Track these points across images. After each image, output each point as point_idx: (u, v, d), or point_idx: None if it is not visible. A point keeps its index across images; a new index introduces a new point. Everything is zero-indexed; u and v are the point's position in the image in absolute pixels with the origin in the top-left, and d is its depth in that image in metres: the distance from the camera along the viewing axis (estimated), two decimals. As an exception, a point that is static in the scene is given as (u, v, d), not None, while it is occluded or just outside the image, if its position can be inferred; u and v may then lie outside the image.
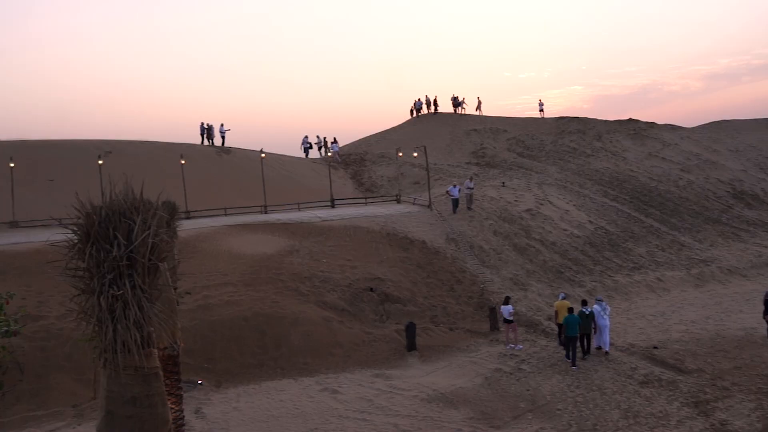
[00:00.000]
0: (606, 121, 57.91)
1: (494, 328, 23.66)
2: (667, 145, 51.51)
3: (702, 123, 59.77)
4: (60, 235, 7.39)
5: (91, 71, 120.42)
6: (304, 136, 53.01)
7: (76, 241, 7.08)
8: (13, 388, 16.71)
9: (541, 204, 36.23)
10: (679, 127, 57.63)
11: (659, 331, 23.30)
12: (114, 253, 6.87)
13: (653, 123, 57.29)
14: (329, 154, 50.82)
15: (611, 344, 21.05)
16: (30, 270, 23.20)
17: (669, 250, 33.98)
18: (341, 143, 54.78)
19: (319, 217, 32.38)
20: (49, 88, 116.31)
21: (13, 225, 30.90)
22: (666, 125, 57.52)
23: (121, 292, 6.91)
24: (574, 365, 19.72)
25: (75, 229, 7.09)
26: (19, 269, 23.46)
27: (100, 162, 32.47)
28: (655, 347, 21.14)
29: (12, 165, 32.68)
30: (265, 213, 34.34)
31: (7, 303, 14.35)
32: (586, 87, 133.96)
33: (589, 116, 59.72)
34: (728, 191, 43.66)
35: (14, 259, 24.25)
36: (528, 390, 18.38)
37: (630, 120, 58.07)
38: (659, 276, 30.72)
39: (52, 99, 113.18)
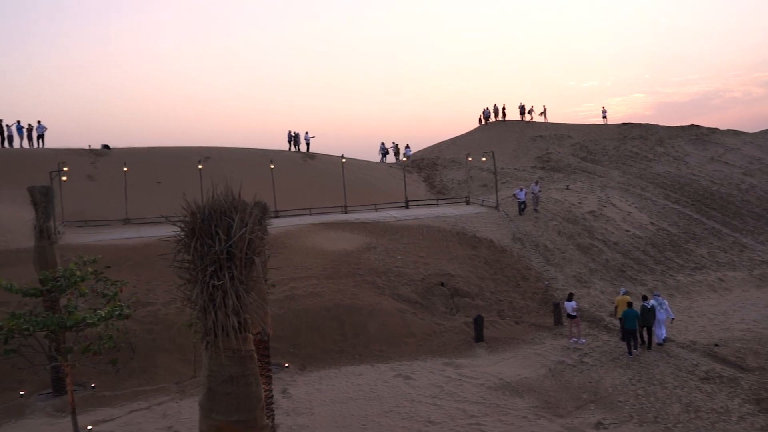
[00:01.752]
0: (668, 127, 55.76)
1: (558, 322, 23.16)
2: (729, 150, 49.20)
3: (764, 128, 56.76)
4: (168, 232, 7.69)
5: (193, 86, 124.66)
6: (381, 143, 53.49)
7: (182, 236, 7.35)
8: (125, 365, 17.47)
9: (604, 206, 35.26)
10: (742, 132, 54.89)
11: (720, 330, 22.28)
12: (215, 248, 7.10)
13: (715, 128, 54.81)
14: (404, 158, 50.95)
15: (667, 339, 20.41)
16: (140, 262, 24.22)
17: (731, 251, 32.44)
18: (414, 149, 54.81)
19: (394, 217, 32.47)
20: (158, 101, 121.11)
21: (126, 222, 32.22)
22: (728, 130, 54.92)
23: (221, 282, 7.13)
24: (630, 354, 19.32)
25: (182, 226, 7.35)
26: (131, 261, 24.49)
27: (200, 166, 33.53)
28: (716, 345, 20.23)
29: (126, 169, 34.16)
30: (345, 213, 34.66)
31: (122, 291, 15.01)
32: (648, 94, 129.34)
33: (651, 122, 57.73)
34: (791, 195, 41.30)
35: (127, 252, 25.31)
36: (590, 382, 17.91)
37: (692, 126, 55.75)
38: (721, 276, 29.37)
39: (159, 111, 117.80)
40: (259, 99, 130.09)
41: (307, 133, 48.52)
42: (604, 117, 59.97)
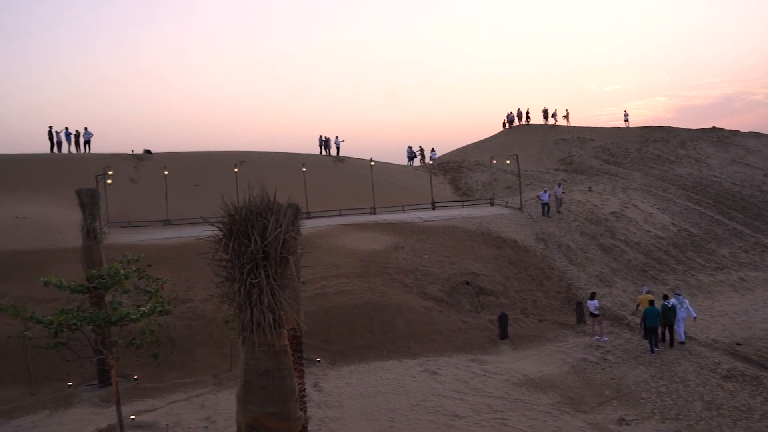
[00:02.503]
0: (689, 130, 54.69)
1: (581, 320, 22.88)
2: (750, 152, 48.10)
3: (786, 131, 55.41)
4: (207, 232, 7.77)
5: (230, 95, 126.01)
6: (408, 147, 53.47)
7: (221, 236, 7.43)
8: (166, 359, 17.67)
9: (626, 207, 34.72)
10: (763, 135, 53.57)
11: (742, 329, 21.76)
12: (252, 247, 7.16)
13: (736, 131, 53.62)
14: (430, 161, 50.84)
15: (688, 337, 20.12)
16: (180, 260, 24.50)
17: (752, 251, 31.68)
18: (441, 152, 54.62)
19: (421, 218, 32.40)
20: (196, 109, 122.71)
21: (167, 223, 32.63)
22: (750, 133, 53.68)
23: (257, 280, 7.19)
24: (652, 351, 19.04)
25: (220, 226, 7.44)
26: (171, 260, 24.79)
27: (236, 170, 33.87)
28: (738, 344, 19.76)
29: (166, 173, 34.63)
30: (374, 214, 34.67)
31: (162, 288, 15.20)
32: (669, 98, 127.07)
33: (672, 125, 56.70)
34: (813, 196, 40.18)
35: (167, 251, 25.63)
36: (613, 379, 17.66)
37: (713, 128, 54.60)
38: (742, 276, 28.70)
39: (198, 118, 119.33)
40: (292, 106, 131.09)
41: (337, 137, 48.72)
42: (626, 120, 59.13)
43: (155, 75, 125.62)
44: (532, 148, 53.91)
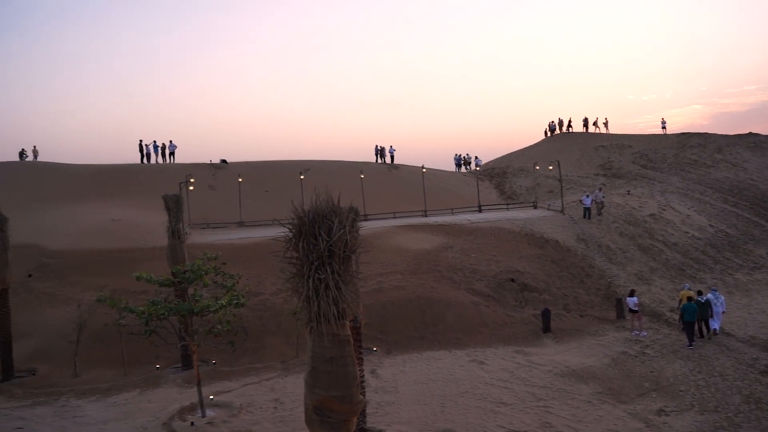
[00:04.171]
0: (726, 136, 52.22)
1: (620, 316, 22.21)
2: (787, 156, 45.65)
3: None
4: (277, 232, 7.92)
5: (296, 108, 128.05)
6: (455, 154, 53.16)
7: (291, 236, 7.56)
8: (240, 346, 18.13)
9: (664, 209, 33.47)
10: (800, 140, 50.74)
11: (780, 326, 20.68)
12: (319, 246, 7.27)
13: (773, 136, 50.99)
14: (476, 168, 50.38)
15: (725, 333, 19.40)
16: (252, 258, 24.99)
17: (790, 252, 30.04)
18: (486, 159, 54.10)
19: (469, 220, 32.12)
20: (266, 122, 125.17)
21: (240, 225, 33.34)
22: (787, 138, 50.94)
23: (324, 276, 7.29)
24: (690, 346, 18.36)
25: (290, 227, 7.57)
26: (244, 257, 25.31)
27: (301, 177, 34.35)
28: (776, 340, 18.80)
29: (240, 180, 35.48)
30: (425, 216, 34.56)
31: (237, 283, 15.59)
32: (706, 105, 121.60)
33: (709, 132, 54.36)
34: None
35: (241, 249, 26.19)
36: (652, 372, 17.05)
37: (750, 134, 52.01)
38: (780, 275, 27.24)
39: (268, 131, 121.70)
40: (350, 119, 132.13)
41: (391, 146, 48.93)
42: (663, 128, 57.01)
43: (230, 93, 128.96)
44: (573, 154, 52.65)
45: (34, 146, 43.89)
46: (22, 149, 43.61)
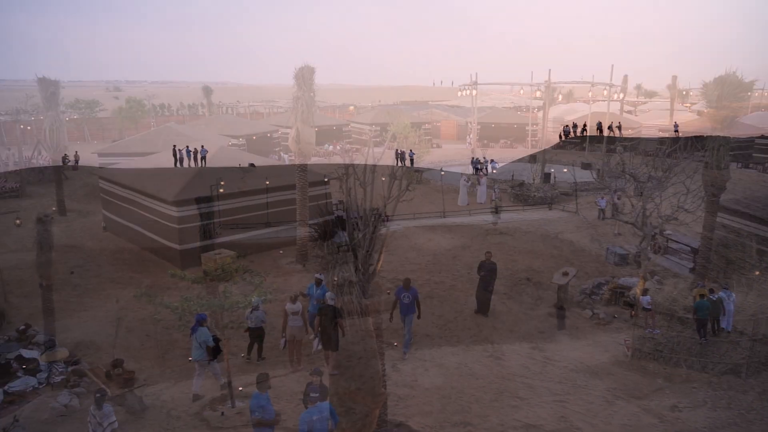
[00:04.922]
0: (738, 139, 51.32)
1: (634, 314, 21.88)
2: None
3: None
4: (300, 233, 8.00)
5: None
6: (472, 158, 53.00)
7: (317, 236, 7.65)
8: (265, 340, 18.25)
9: (677, 210, 32.85)
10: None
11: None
12: (343, 246, 7.33)
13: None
14: (494, 170, 50.21)
15: (738, 331, 19.03)
16: (278, 255, 25.17)
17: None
18: (501, 163, 53.73)
19: (486, 221, 32.01)
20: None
21: (267, 225, 33.50)
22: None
23: (348, 273, 7.35)
24: (702, 339, 18.12)
25: (315, 228, 7.66)
26: (271, 255, 25.48)
27: (326, 180, 34.37)
28: (789, 339, 18.37)
29: (267, 183, 35.72)
30: (444, 217, 34.54)
31: (265, 280, 15.76)
32: (717, 109, 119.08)
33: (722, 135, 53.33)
34: None
35: (268, 248, 26.36)
36: (665, 368, 16.81)
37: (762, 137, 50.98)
38: (794, 275, 26.58)
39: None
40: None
41: (411, 150, 48.97)
42: (676, 132, 56.14)
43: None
44: (586, 157, 52.10)
45: (76, 152, 44.87)
46: (65, 155, 44.60)
